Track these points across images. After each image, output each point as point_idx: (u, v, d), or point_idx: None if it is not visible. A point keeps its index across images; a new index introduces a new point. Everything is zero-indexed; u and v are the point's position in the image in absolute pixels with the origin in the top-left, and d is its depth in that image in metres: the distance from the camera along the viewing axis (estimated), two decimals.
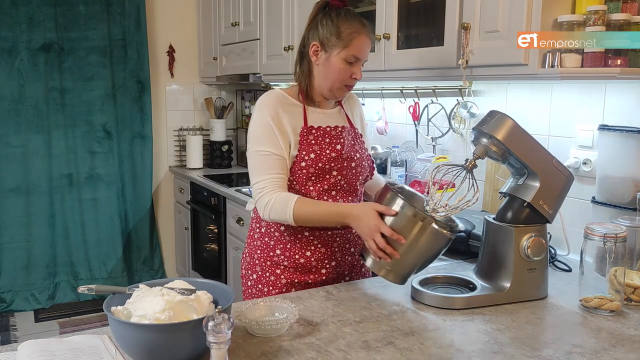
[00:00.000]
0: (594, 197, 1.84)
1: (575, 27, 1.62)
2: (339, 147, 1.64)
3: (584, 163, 1.93)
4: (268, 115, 1.61)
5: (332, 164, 1.62)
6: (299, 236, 1.67)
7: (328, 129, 1.66)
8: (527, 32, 1.61)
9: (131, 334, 1.12)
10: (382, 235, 1.43)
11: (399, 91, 2.65)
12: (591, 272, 1.50)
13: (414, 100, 2.62)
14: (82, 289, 1.23)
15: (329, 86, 1.64)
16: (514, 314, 1.44)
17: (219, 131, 4.18)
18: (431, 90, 2.50)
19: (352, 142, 1.70)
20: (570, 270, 1.80)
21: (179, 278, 1.31)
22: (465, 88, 2.34)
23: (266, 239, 1.71)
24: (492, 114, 1.52)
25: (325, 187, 1.63)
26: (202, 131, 4.28)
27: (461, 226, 1.53)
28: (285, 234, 1.67)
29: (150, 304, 1.14)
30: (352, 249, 1.73)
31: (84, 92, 3.81)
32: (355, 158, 1.68)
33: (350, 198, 1.69)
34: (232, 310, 1.24)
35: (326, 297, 1.55)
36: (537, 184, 1.50)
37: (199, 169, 4.11)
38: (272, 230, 1.69)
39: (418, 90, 2.57)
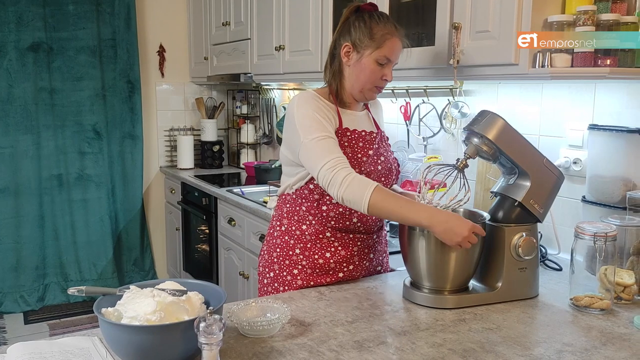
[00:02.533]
0: (584, 197, 1.85)
1: (565, 27, 1.63)
2: (370, 152, 1.66)
3: (574, 162, 1.95)
4: (310, 109, 1.61)
5: (362, 168, 1.63)
6: (320, 237, 1.67)
7: (363, 133, 1.67)
8: (527, 32, 1.62)
9: (122, 335, 1.11)
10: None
11: (390, 91, 2.65)
12: (582, 271, 1.50)
13: (405, 100, 2.62)
14: (72, 290, 1.23)
15: (360, 87, 1.65)
16: (505, 313, 1.44)
17: (210, 131, 4.16)
18: (422, 90, 2.51)
19: (380, 146, 1.72)
20: (560, 269, 1.81)
21: (170, 279, 1.30)
22: (456, 88, 2.35)
23: (286, 238, 1.70)
24: (483, 113, 1.53)
25: None
26: (193, 131, 4.26)
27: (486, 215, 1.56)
28: (306, 234, 1.67)
29: (141, 305, 1.13)
30: (372, 255, 1.74)
31: (73, 92, 3.78)
32: (383, 162, 1.69)
33: None
34: (223, 311, 1.24)
35: (318, 297, 1.55)
36: (527, 184, 1.51)
37: (190, 169, 4.10)
38: (293, 229, 1.69)
39: (409, 90, 2.58)
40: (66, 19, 3.70)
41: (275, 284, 1.72)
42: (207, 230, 3.50)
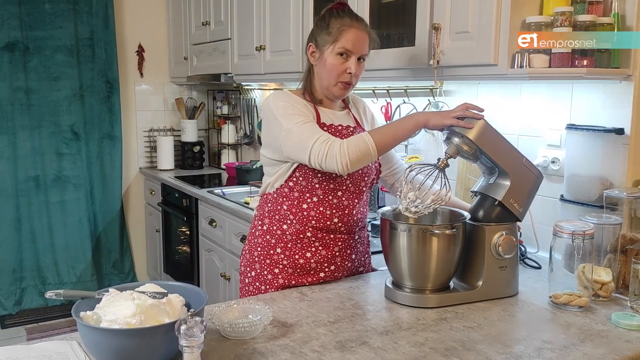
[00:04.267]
0: (562, 195, 1.88)
1: (543, 27, 1.65)
2: None
3: (553, 162, 1.97)
4: (285, 102, 1.63)
5: None
6: (301, 236, 1.67)
7: (340, 127, 1.68)
8: (527, 32, 1.63)
9: (101, 339, 1.10)
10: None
11: (372, 91, 2.66)
12: (560, 269, 1.52)
13: (386, 100, 2.63)
14: (49, 294, 1.21)
15: (326, 84, 1.66)
16: (486, 312, 1.46)
17: (190, 132, 4.13)
18: (403, 91, 2.52)
19: None
20: (540, 268, 1.83)
21: (150, 281, 1.29)
22: (437, 88, 2.36)
23: (267, 237, 1.70)
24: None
25: (332, 186, 1.64)
26: (173, 132, 4.23)
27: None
28: (287, 233, 1.67)
29: (120, 308, 1.12)
30: (353, 256, 1.74)
31: (50, 93, 3.72)
32: None
33: (356, 200, 1.69)
34: (205, 312, 1.23)
35: (300, 298, 1.55)
36: (507, 183, 1.52)
37: (170, 170, 4.06)
38: (274, 228, 1.69)
39: (390, 91, 2.59)
40: (42, 18, 3.64)
41: (257, 283, 1.71)
42: (187, 232, 3.47)
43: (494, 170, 1.57)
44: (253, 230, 1.77)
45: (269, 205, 1.72)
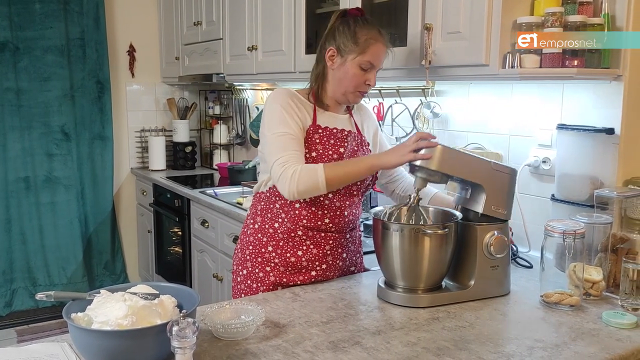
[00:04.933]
0: (553, 195, 1.89)
1: (534, 28, 1.65)
2: (341, 150, 1.65)
3: (544, 162, 1.98)
4: (279, 105, 1.63)
5: None
6: (292, 235, 1.67)
7: (335, 130, 1.67)
8: (528, 32, 1.64)
9: (92, 341, 1.09)
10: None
11: None
12: (551, 268, 1.53)
13: (378, 100, 2.63)
14: (40, 295, 1.20)
15: (343, 91, 1.66)
16: (478, 311, 1.46)
17: (182, 132, 4.12)
18: (395, 91, 2.52)
19: (356, 149, 1.71)
20: (531, 267, 1.84)
21: (142, 282, 1.28)
22: (429, 88, 2.37)
23: (259, 235, 1.71)
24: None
25: None
26: (164, 132, 4.21)
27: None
28: (278, 232, 1.67)
29: (112, 310, 1.11)
30: (345, 254, 1.74)
31: (40, 93, 3.70)
32: None
33: (347, 202, 1.69)
34: (197, 313, 1.23)
35: (292, 298, 1.55)
36: (483, 194, 1.53)
37: (161, 170, 4.05)
38: (266, 226, 1.70)
39: (382, 91, 2.59)
40: (32, 18, 3.62)
41: (249, 281, 1.72)
42: (179, 233, 3.46)
43: (467, 184, 1.58)
44: (245, 229, 1.78)
45: (262, 203, 1.72)
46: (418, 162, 1.50)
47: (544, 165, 1.98)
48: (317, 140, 1.63)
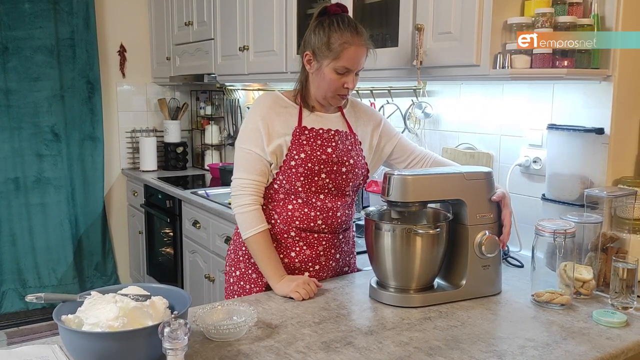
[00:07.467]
0: (544, 194, 1.90)
1: (524, 28, 1.66)
2: (329, 150, 1.64)
3: (534, 161, 1.99)
4: (258, 115, 1.64)
5: (322, 166, 1.62)
6: (285, 236, 1.67)
7: (321, 131, 1.66)
8: (527, 32, 1.64)
9: (83, 343, 1.08)
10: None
11: (355, 92, 2.66)
12: (542, 267, 1.54)
13: (369, 100, 2.63)
14: (30, 297, 1.19)
15: (322, 94, 1.65)
16: (469, 310, 1.47)
17: (174, 132, 4.10)
18: (387, 91, 2.53)
19: (348, 148, 1.69)
20: (522, 266, 1.85)
21: (133, 284, 1.28)
22: (420, 88, 2.38)
23: None
24: (386, 179, 1.52)
25: (313, 189, 1.64)
26: (155, 132, 4.19)
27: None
28: (271, 233, 1.67)
29: (103, 312, 1.11)
30: (338, 255, 1.74)
31: (30, 93, 3.67)
32: (347, 163, 1.67)
33: (339, 203, 1.68)
34: (189, 315, 1.22)
35: (284, 299, 1.54)
36: (465, 208, 1.53)
37: (153, 171, 4.03)
38: None
39: (374, 91, 2.60)
40: (22, 18, 3.59)
41: (242, 282, 1.71)
42: (171, 233, 3.44)
43: (446, 202, 1.58)
44: (238, 230, 1.77)
45: None
46: (392, 199, 1.51)
47: (535, 165, 1.99)
48: (305, 142, 1.63)
